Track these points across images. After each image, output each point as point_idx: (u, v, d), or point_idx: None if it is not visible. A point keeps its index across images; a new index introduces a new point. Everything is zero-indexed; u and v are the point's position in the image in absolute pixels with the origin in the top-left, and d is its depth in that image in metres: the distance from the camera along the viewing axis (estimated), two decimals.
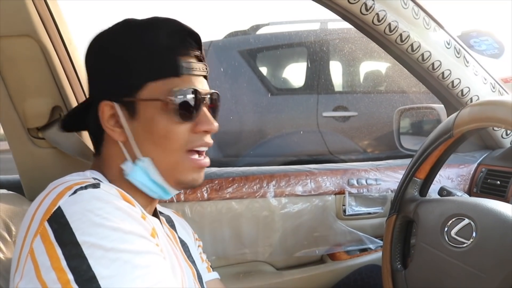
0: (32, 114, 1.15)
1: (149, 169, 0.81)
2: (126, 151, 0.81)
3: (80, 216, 0.64)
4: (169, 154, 0.81)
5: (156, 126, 0.79)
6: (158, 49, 0.79)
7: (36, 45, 1.10)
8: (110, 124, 0.81)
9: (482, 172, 1.49)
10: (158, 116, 0.79)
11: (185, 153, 0.81)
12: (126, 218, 0.68)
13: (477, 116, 0.92)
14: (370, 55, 3.86)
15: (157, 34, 0.80)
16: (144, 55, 0.79)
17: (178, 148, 0.80)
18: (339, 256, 1.52)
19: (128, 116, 0.80)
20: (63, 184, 0.70)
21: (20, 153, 1.20)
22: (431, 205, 1.04)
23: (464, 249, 0.89)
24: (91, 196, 0.67)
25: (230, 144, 3.71)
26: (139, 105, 0.80)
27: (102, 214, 0.65)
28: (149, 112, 0.79)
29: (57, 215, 0.65)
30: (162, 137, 0.79)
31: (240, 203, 1.43)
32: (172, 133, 0.79)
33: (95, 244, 0.62)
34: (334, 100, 3.75)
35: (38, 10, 1.10)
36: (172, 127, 0.79)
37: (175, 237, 0.98)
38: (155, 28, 0.81)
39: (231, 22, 6.10)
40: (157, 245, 0.72)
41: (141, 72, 0.79)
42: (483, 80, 1.48)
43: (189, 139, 0.81)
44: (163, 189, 0.83)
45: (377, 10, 1.27)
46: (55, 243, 0.63)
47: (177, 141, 0.80)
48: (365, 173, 1.54)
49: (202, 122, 0.82)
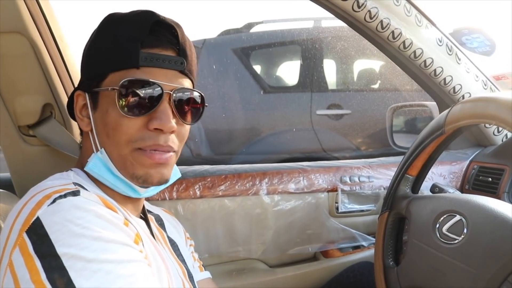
0: (22, 112, 1.14)
1: (107, 162, 0.78)
2: (92, 143, 0.80)
3: (59, 226, 0.62)
4: (118, 147, 0.77)
5: (109, 117, 0.76)
6: (123, 40, 0.76)
7: (26, 42, 1.09)
8: (82, 114, 0.82)
9: (474, 169, 1.50)
10: (110, 107, 0.76)
11: (134, 149, 0.76)
12: (107, 226, 0.66)
13: (468, 113, 0.92)
14: (364, 53, 3.86)
15: (128, 25, 0.77)
16: (110, 45, 0.78)
17: (125, 142, 0.76)
18: (332, 254, 1.52)
19: (93, 106, 0.80)
20: (42, 192, 0.68)
21: (11, 151, 1.19)
22: (423, 202, 1.04)
23: (456, 245, 0.89)
24: (71, 205, 0.65)
25: (223, 142, 3.70)
26: (100, 96, 0.79)
27: (83, 224, 0.63)
28: (105, 103, 0.77)
29: (36, 226, 0.63)
30: (112, 129, 0.76)
31: (233, 201, 1.43)
32: (120, 126, 0.75)
33: (75, 255, 0.61)
34: (328, 98, 3.76)
35: (29, 7, 1.09)
36: (121, 119, 0.75)
37: (164, 236, 0.96)
38: (129, 20, 0.79)
39: (225, 20, 6.09)
40: (141, 252, 0.71)
41: (103, 62, 0.78)
42: (474, 78, 1.49)
43: (139, 136, 0.76)
44: (126, 184, 0.80)
45: (369, 7, 1.27)
46: (34, 255, 0.61)
47: (124, 135, 0.76)
48: (358, 171, 1.54)
49: (155, 118, 0.75)
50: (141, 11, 0.80)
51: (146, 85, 0.75)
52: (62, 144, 1.16)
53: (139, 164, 0.77)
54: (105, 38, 0.79)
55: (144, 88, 0.75)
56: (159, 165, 0.77)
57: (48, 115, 1.18)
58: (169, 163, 0.79)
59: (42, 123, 1.16)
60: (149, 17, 0.77)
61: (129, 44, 0.75)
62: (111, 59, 0.77)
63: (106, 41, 0.79)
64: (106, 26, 0.81)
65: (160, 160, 0.77)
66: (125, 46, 0.76)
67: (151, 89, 0.75)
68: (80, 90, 0.82)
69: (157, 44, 0.77)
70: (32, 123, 1.15)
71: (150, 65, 0.75)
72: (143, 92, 0.75)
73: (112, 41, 0.78)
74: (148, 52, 0.75)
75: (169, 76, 0.77)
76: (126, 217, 0.75)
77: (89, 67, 0.81)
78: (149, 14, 0.78)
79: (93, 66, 0.80)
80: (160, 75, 0.76)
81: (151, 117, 0.75)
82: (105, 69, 0.78)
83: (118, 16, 0.81)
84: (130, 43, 0.75)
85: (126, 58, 0.75)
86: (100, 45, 0.80)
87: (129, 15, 0.80)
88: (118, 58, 0.76)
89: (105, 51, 0.78)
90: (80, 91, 0.82)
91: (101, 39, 0.80)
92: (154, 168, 0.77)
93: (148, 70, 0.75)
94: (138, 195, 0.82)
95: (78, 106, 0.82)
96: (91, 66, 0.81)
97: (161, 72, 0.76)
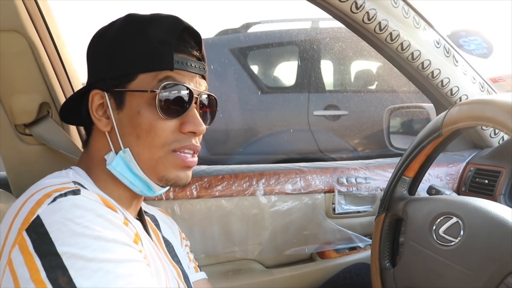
0: (19, 111, 1.13)
1: (130, 161, 0.79)
2: (110, 142, 0.80)
3: (60, 225, 0.62)
4: (151, 150, 0.78)
5: (141, 119, 0.77)
6: (154, 42, 0.77)
7: (23, 40, 1.08)
8: (98, 114, 0.80)
9: (471, 171, 1.50)
10: (143, 109, 0.77)
11: (170, 151, 0.79)
12: (107, 225, 0.66)
13: (465, 115, 0.93)
14: (361, 54, 3.87)
15: (155, 27, 0.78)
16: (139, 46, 0.77)
17: (160, 145, 0.78)
18: (329, 255, 1.53)
19: (116, 106, 0.79)
20: (42, 191, 0.68)
21: (7, 150, 1.18)
22: (420, 204, 1.05)
23: (452, 247, 0.89)
24: (71, 204, 0.65)
25: (220, 142, 3.70)
26: (127, 96, 0.78)
27: (83, 223, 0.63)
28: (135, 104, 0.77)
29: (36, 225, 0.63)
30: (145, 131, 0.77)
31: (230, 201, 1.42)
32: (156, 129, 0.77)
33: (75, 254, 0.61)
34: (325, 99, 3.76)
35: (26, 5, 1.08)
36: (156, 122, 0.77)
37: (159, 237, 0.96)
38: (154, 22, 0.79)
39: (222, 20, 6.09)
40: (140, 252, 0.71)
41: (133, 62, 0.78)
42: (472, 80, 1.49)
43: (175, 139, 0.78)
44: (145, 184, 0.81)
45: (367, 9, 1.28)
46: (34, 254, 0.61)
47: (159, 138, 0.77)
48: (354, 172, 1.54)
49: (188, 122, 0.79)
50: (167, 15, 0.81)
51: (182, 89, 0.78)
52: (59, 143, 1.16)
53: (171, 167, 0.79)
54: (133, 38, 0.78)
55: (179, 92, 0.78)
56: (188, 168, 0.81)
57: (45, 114, 1.17)
58: (194, 165, 0.83)
59: (39, 122, 1.15)
60: (179, 23, 0.80)
61: (161, 47, 0.77)
62: (142, 60, 0.77)
63: (135, 42, 0.78)
64: (132, 26, 0.80)
65: (192, 163, 0.81)
66: (158, 48, 0.77)
67: (184, 92, 0.78)
68: (98, 89, 0.80)
69: (184, 49, 0.80)
70: (29, 122, 1.15)
71: (181, 68, 0.78)
72: (179, 95, 0.77)
73: (142, 42, 0.77)
74: (179, 56, 0.78)
75: (196, 81, 0.81)
76: (126, 216, 0.75)
77: (113, 66, 0.79)
78: (178, 20, 0.80)
79: (119, 65, 0.79)
80: (190, 78, 0.80)
81: (184, 121, 0.79)
82: (134, 70, 0.78)
83: (144, 17, 0.81)
84: (163, 46, 0.77)
85: (160, 60, 0.77)
86: (127, 45, 0.78)
87: (156, 18, 0.80)
88: (151, 60, 0.77)
89: (134, 51, 0.78)
90: (97, 90, 0.80)
91: (127, 38, 0.79)
92: (184, 171, 0.81)
93: (180, 73, 0.78)
94: (153, 193, 0.84)
95: (94, 106, 0.80)
96: (115, 66, 0.79)
97: (190, 76, 0.80)
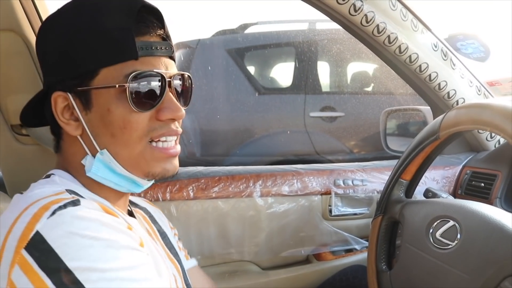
0: (16, 110, 1.13)
1: (110, 162, 0.73)
2: (85, 145, 0.74)
3: (65, 240, 0.59)
4: (129, 146, 0.72)
5: (112, 116, 0.71)
6: (110, 30, 0.69)
7: (20, 40, 1.08)
8: (65, 117, 0.74)
9: (467, 174, 1.50)
10: (113, 105, 0.70)
11: (148, 143, 0.74)
12: (114, 233, 0.63)
13: (463, 119, 0.93)
14: (358, 56, 3.87)
15: (110, 13, 0.71)
16: (95, 37, 0.70)
17: (138, 138, 0.72)
18: (325, 256, 1.52)
19: (83, 107, 0.72)
20: (36, 203, 0.63)
21: (3, 150, 1.18)
22: (417, 207, 1.05)
23: (449, 251, 0.89)
24: (73, 216, 0.61)
25: (216, 143, 3.70)
26: (93, 94, 0.71)
27: (90, 234, 0.60)
28: (104, 101, 0.71)
29: (36, 241, 0.58)
30: (119, 128, 0.71)
31: (226, 203, 1.42)
32: (131, 123, 0.71)
33: (89, 267, 0.58)
34: (322, 101, 3.76)
35: (23, 4, 1.08)
36: (130, 116, 0.71)
37: (155, 231, 0.94)
38: (107, 6, 0.72)
39: (220, 20, 6.07)
40: (147, 255, 0.70)
41: (92, 57, 0.70)
42: (469, 83, 1.50)
43: (152, 127, 0.73)
44: (131, 181, 0.77)
45: (365, 11, 1.28)
46: (41, 272, 0.57)
47: (136, 132, 0.72)
48: (351, 174, 1.54)
49: (165, 108, 0.73)
50: None
51: (150, 76, 0.71)
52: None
53: (154, 161, 0.74)
54: (86, 29, 0.70)
55: (149, 80, 0.71)
56: (173, 157, 0.77)
57: None
58: (178, 153, 0.78)
59: None
60: (134, 1, 0.72)
61: (121, 35, 0.70)
62: (102, 53, 0.70)
63: (89, 32, 0.70)
64: (82, 13, 0.72)
65: (175, 153, 0.77)
66: (117, 37, 0.69)
67: (155, 79, 0.72)
68: (59, 91, 0.73)
69: (146, 31, 0.73)
70: None
71: (146, 54, 0.71)
72: (149, 84, 0.71)
73: (97, 33, 0.70)
74: (141, 40, 0.71)
75: (165, 63, 0.75)
76: (127, 220, 0.74)
77: (70, 64, 0.71)
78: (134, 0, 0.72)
79: (76, 63, 0.71)
80: (158, 63, 0.73)
81: (160, 108, 0.73)
82: (95, 65, 0.70)
83: (93, 2, 0.73)
84: (122, 34, 0.70)
85: (122, 50, 0.70)
86: (81, 38, 0.70)
87: (107, 2, 0.72)
88: (111, 52, 0.70)
89: (91, 45, 0.70)
90: (59, 92, 0.72)
91: (80, 29, 0.71)
92: (169, 162, 0.76)
93: (146, 60, 0.72)
94: (141, 189, 0.80)
95: (58, 109, 0.73)
96: (72, 63, 0.71)
97: (157, 60, 0.73)
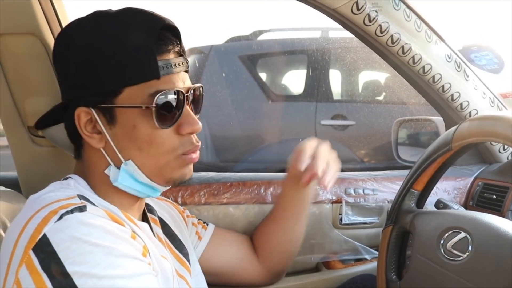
0: (33, 112, 1.14)
1: (134, 172, 0.77)
2: (108, 157, 0.77)
3: (68, 244, 0.62)
4: (157, 158, 0.77)
5: (138, 132, 0.74)
6: (134, 49, 0.71)
7: (39, 43, 1.10)
8: (87, 130, 0.76)
9: (479, 186, 1.49)
10: (139, 123, 0.74)
11: (177, 155, 0.78)
12: (116, 241, 0.66)
13: (476, 131, 0.93)
14: (370, 65, 3.87)
15: (131, 31, 0.72)
16: (119, 56, 0.72)
17: (166, 152, 0.77)
18: (334, 265, 1.52)
19: (107, 122, 0.75)
20: (47, 207, 0.67)
21: (19, 151, 1.20)
22: (428, 217, 1.04)
23: (460, 262, 0.89)
24: (78, 221, 0.64)
25: (228, 149, 3.71)
26: (117, 111, 0.74)
27: (91, 240, 0.63)
28: (129, 119, 0.74)
29: (42, 244, 0.62)
30: (146, 143, 0.75)
31: (237, 209, 1.43)
32: (157, 139, 0.75)
33: (87, 273, 0.60)
34: (333, 109, 3.77)
35: (43, 8, 1.10)
36: (156, 132, 0.75)
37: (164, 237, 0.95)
38: (129, 23, 0.73)
39: (233, 27, 6.11)
40: (149, 264, 0.71)
41: (116, 77, 0.73)
42: (482, 95, 1.49)
43: (179, 143, 0.77)
44: (151, 188, 0.80)
45: (380, 22, 1.28)
46: (43, 273, 0.60)
47: (163, 146, 0.76)
48: (362, 183, 1.54)
49: (185, 123, 0.77)
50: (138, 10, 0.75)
51: (174, 95, 0.75)
52: (70, 146, 1.17)
53: (178, 168, 0.79)
54: (111, 48, 0.72)
55: (172, 99, 0.75)
56: (191, 164, 0.81)
57: None
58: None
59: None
60: (156, 21, 0.75)
61: (144, 55, 0.72)
62: (126, 72, 0.72)
63: (114, 52, 0.72)
64: (100, 32, 0.74)
65: (196, 159, 0.81)
66: (140, 57, 0.72)
67: (175, 97, 0.75)
68: (83, 106, 0.75)
69: (165, 49, 0.75)
70: None
71: (167, 73, 0.75)
72: (171, 102, 0.75)
73: (121, 51, 0.72)
74: (162, 59, 0.74)
75: (182, 78, 0.78)
76: (133, 229, 0.75)
77: (92, 82, 0.74)
78: (155, 18, 0.75)
79: (99, 81, 0.73)
80: (177, 80, 0.77)
81: (180, 123, 0.77)
82: (120, 84, 0.73)
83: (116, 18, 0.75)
84: (145, 53, 0.72)
85: (145, 70, 0.73)
86: (105, 56, 0.72)
87: (128, 17, 0.75)
88: (135, 72, 0.72)
89: (115, 63, 0.72)
90: (83, 107, 0.75)
91: (102, 47, 0.72)
92: (187, 167, 0.81)
93: (167, 78, 0.75)
94: (157, 193, 0.83)
95: (82, 123, 0.76)
96: (95, 81, 0.73)
97: (176, 77, 0.76)
